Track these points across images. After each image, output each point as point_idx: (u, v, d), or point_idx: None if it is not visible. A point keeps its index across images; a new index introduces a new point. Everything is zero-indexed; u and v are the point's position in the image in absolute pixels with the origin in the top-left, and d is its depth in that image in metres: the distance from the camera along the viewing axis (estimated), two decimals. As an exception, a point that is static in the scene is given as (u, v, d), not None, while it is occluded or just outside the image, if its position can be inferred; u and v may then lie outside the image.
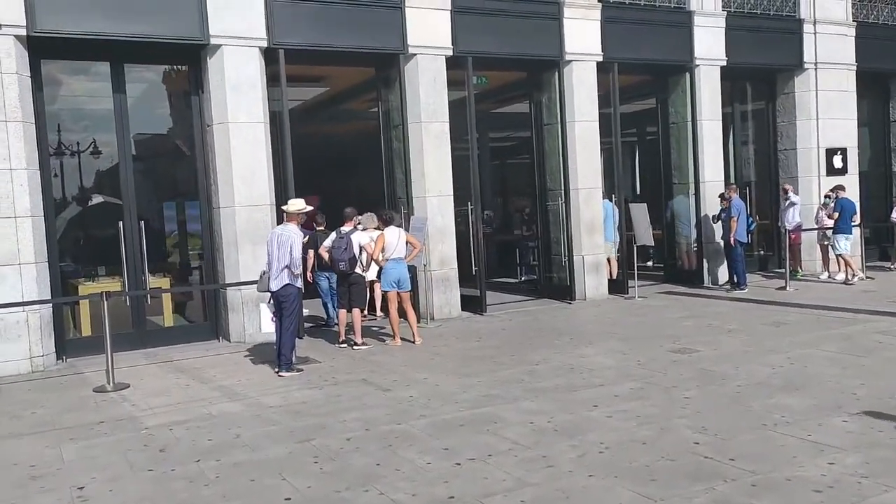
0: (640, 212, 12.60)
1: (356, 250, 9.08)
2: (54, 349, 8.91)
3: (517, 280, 15.18)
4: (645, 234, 12.48)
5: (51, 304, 8.83)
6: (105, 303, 7.70)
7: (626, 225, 12.86)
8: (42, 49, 8.85)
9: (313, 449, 5.30)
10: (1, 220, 8.36)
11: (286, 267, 7.84)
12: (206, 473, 4.88)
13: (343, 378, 7.61)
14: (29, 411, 6.80)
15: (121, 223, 9.49)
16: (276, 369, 7.91)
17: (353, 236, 9.15)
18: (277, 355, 7.95)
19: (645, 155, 17.71)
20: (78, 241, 10.79)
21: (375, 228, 9.57)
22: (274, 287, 7.93)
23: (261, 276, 8.31)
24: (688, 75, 13.35)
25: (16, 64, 8.41)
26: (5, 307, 8.11)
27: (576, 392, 6.61)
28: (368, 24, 10.58)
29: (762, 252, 15.42)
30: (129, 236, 9.61)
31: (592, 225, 12.43)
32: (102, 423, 6.28)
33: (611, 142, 12.82)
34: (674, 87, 13.71)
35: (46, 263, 8.85)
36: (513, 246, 15.85)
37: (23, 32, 8.48)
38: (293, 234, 7.97)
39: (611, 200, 12.84)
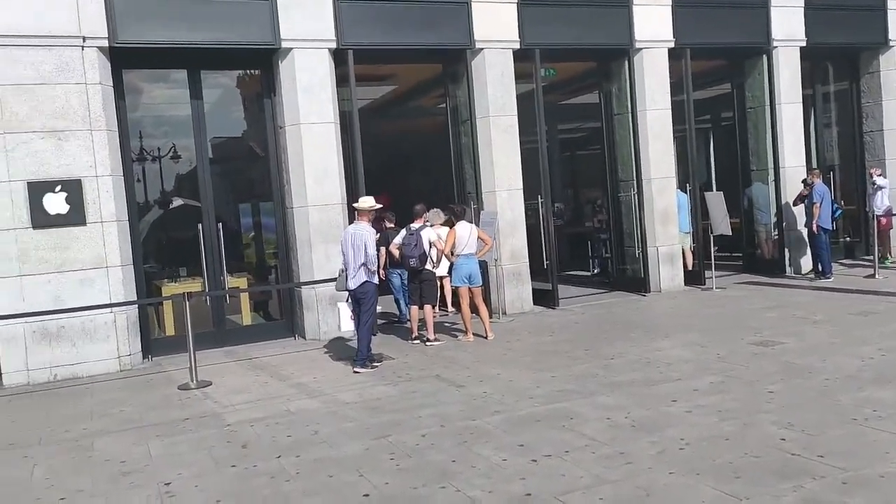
0: (716, 200, 12.24)
1: (426, 246, 9.12)
2: (140, 348, 9.27)
3: (589, 273, 14.97)
4: (722, 223, 12.12)
5: (136, 306, 9.18)
6: (187, 303, 7.96)
7: (701, 214, 12.51)
8: (123, 59, 9.19)
9: (389, 445, 5.34)
10: (88, 225, 8.73)
11: (363, 265, 7.96)
12: (286, 469, 4.99)
13: (417, 374, 7.66)
14: (118, 409, 7.09)
15: (200, 225, 9.79)
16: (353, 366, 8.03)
17: (422, 233, 9.20)
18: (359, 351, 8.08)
19: (720, 142, 17.18)
20: (160, 244, 11.20)
21: (444, 224, 9.60)
22: (352, 285, 8.06)
23: (339, 275, 8.45)
24: (765, 58, 12.89)
25: (99, 74, 8.77)
26: (94, 309, 8.47)
27: (653, 386, 6.46)
28: (434, 20, 10.60)
29: (848, 238, 14.76)
30: (209, 237, 9.90)
31: (666, 215, 12.14)
32: (187, 419, 6.50)
33: (684, 129, 12.49)
34: (750, 70, 13.26)
35: (132, 266, 9.20)
36: (584, 238, 15.65)
37: (105, 44, 8.83)
38: (365, 232, 8.08)
39: (684, 190, 12.51)
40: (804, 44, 12.92)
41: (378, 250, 9.75)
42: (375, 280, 8.19)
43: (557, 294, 11.50)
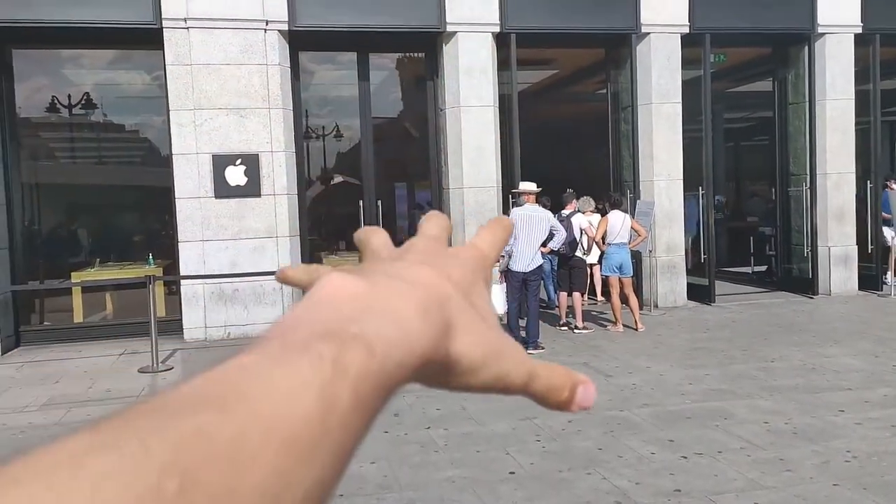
0: (899, 200, 11.25)
1: (577, 233, 9.04)
2: (302, 314, 9.84)
3: (749, 270, 14.23)
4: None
5: (301, 274, 9.75)
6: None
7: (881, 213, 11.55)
8: (300, 41, 9.74)
9: (535, 427, 5.40)
10: (263, 197, 9.37)
11: (542, 246, 8.06)
12: (435, 440, 5.17)
13: (564, 360, 7.64)
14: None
15: (361, 202, 10.23)
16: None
17: (573, 219, 9.13)
18: (511, 334, 8.17)
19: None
20: (322, 218, 11.83)
21: (593, 211, 9.46)
22: (527, 267, 8.12)
23: (503, 256, 8.56)
24: (969, 44, 11.63)
25: (279, 56, 9.34)
26: (266, 275, 9.10)
27: (818, 394, 6.10)
28: (600, 4, 10.41)
29: None
30: (368, 214, 10.33)
31: (842, 213, 11.31)
32: (344, 384, 6.86)
33: (867, 121, 11.55)
34: (950, 58, 12.01)
35: (298, 237, 9.79)
36: (745, 234, 14.87)
37: (285, 27, 9.39)
38: (547, 214, 8.20)
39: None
40: None
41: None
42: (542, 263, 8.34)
43: (714, 290, 11.04)
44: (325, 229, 11.62)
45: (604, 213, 9.38)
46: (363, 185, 10.51)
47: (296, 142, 9.90)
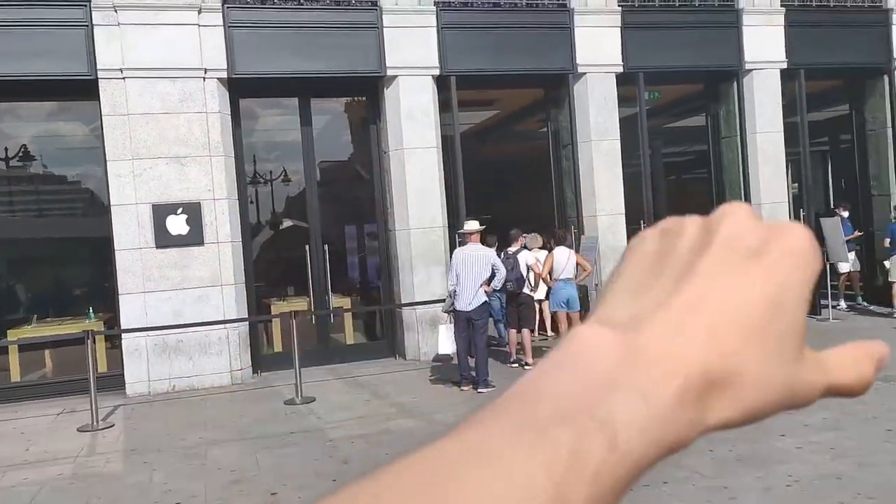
0: (832, 227, 11.66)
1: (523, 270, 9.14)
2: (251, 363, 9.70)
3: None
4: (840, 251, 11.52)
5: (247, 322, 9.63)
6: (293, 321, 8.29)
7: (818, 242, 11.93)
8: (240, 88, 9.75)
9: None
10: (206, 245, 9.25)
11: (483, 284, 8.08)
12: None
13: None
14: (230, 420, 7.45)
15: (307, 246, 10.18)
16: (464, 387, 8.12)
17: (519, 256, 9.23)
18: (461, 374, 8.19)
19: (838, 165, 16.36)
20: (270, 263, 11.71)
21: (541, 248, 9.59)
22: (470, 306, 8.14)
23: (448, 296, 8.56)
24: (886, 78, 12.25)
25: (218, 103, 9.33)
26: (210, 325, 8.95)
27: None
28: (537, 46, 10.68)
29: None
30: (315, 258, 10.28)
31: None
32: (292, 433, 6.75)
33: (798, 153, 12.01)
34: (870, 91, 12.63)
35: (244, 284, 9.67)
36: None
37: (224, 75, 9.39)
38: (489, 252, 8.25)
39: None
40: (931, 62, 12.21)
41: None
42: (487, 301, 8.35)
43: (660, 321, 11.21)
44: (274, 275, 11.50)
45: (550, 250, 9.51)
46: (310, 229, 10.48)
47: (239, 188, 9.84)
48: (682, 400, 0.31)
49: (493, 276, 8.10)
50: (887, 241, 11.45)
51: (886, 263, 11.47)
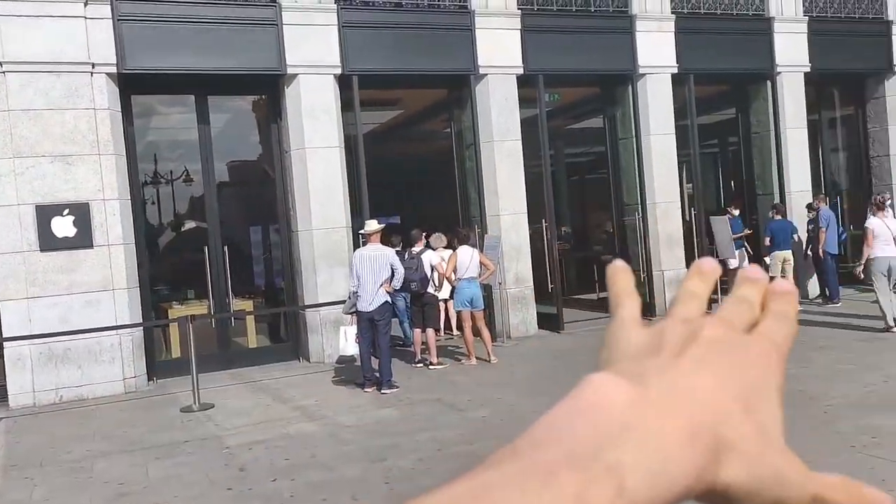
0: (721, 225, 12.25)
1: (427, 270, 9.17)
2: (146, 371, 9.33)
3: (595, 297, 14.93)
4: (728, 248, 12.11)
5: (142, 328, 9.25)
6: (190, 326, 8.03)
7: (708, 238, 12.52)
8: (132, 85, 9.36)
9: (385, 469, 5.35)
10: (96, 248, 8.84)
11: (383, 284, 8.02)
12: (281, 493, 5.01)
13: (418, 398, 7.67)
14: (120, 431, 7.14)
15: (206, 248, 9.88)
16: (368, 388, 8.04)
17: (423, 256, 9.26)
18: (364, 375, 8.13)
19: (727, 166, 17.21)
20: (170, 266, 11.31)
21: (445, 248, 9.65)
22: (370, 307, 8.08)
23: (349, 297, 8.47)
24: (769, 83, 12.95)
25: (107, 100, 8.92)
26: (100, 331, 8.55)
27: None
28: (439, 46, 10.74)
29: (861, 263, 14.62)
30: (215, 260, 9.99)
31: (671, 239, 12.16)
32: (187, 442, 6.53)
33: (688, 154, 12.55)
34: (755, 95, 13.32)
35: (138, 288, 9.29)
36: (591, 262, 15.64)
37: (113, 70, 8.99)
38: (389, 252, 8.20)
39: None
40: (808, 69, 12.98)
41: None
42: (391, 301, 8.30)
43: (562, 318, 11.49)
44: (173, 278, 11.11)
45: (455, 249, 9.56)
46: (209, 230, 10.18)
47: (133, 188, 9.46)
48: (693, 443, 0.32)
49: (393, 275, 8.08)
50: (767, 239, 12.10)
51: (766, 260, 12.13)
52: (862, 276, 10.07)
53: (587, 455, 0.30)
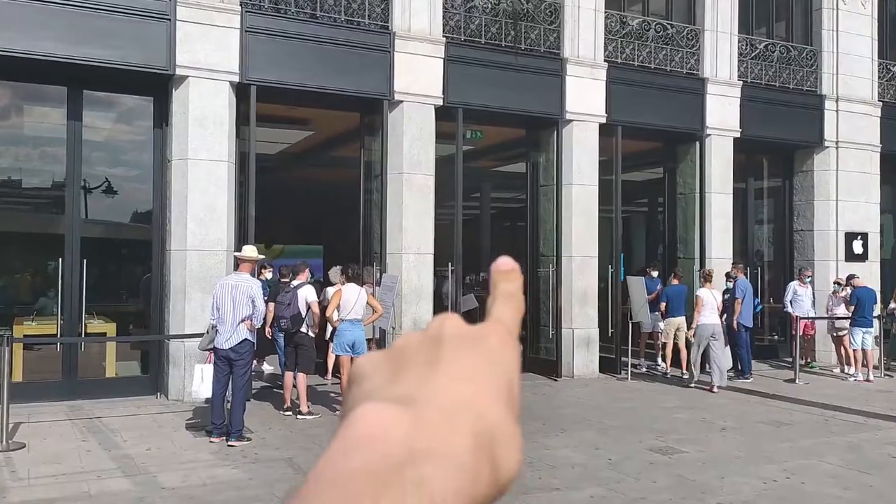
0: (637, 286, 11.60)
1: (301, 307, 8.13)
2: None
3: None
4: (641, 310, 11.45)
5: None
6: (5, 349, 6.81)
7: (621, 300, 11.86)
8: (-10, 68, 8.23)
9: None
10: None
11: (244, 320, 6.97)
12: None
13: (266, 455, 6.61)
14: None
15: (60, 259, 8.69)
16: (214, 438, 6.93)
17: (300, 291, 8.22)
18: (213, 422, 7.02)
19: (652, 225, 16.78)
20: (14, 278, 9.96)
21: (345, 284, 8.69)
22: (228, 344, 6.99)
23: (207, 331, 7.38)
24: (697, 144, 12.52)
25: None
26: None
27: (526, 495, 5.55)
28: (354, 66, 9.91)
29: (777, 337, 14.22)
30: (69, 275, 8.79)
31: (586, 295, 11.45)
32: (-39, 493, 5.34)
33: (611, 209, 11.94)
34: (683, 155, 12.87)
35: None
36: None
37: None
38: (253, 284, 7.16)
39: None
40: (738, 134, 12.62)
41: (266, 305, 8.77)
42: (254, 339, 7.22)
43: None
44: (17, 292, 9.77)
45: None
46: (66, 240, 8.97)
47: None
48: (479, 453, 0.32)
49: (254, 310, 7.05)
50: (663, 304, 11.48)
51: (660, 325, 11.57)
52: (693, 339, 10.80)
53: (388, 482, 0.29)
